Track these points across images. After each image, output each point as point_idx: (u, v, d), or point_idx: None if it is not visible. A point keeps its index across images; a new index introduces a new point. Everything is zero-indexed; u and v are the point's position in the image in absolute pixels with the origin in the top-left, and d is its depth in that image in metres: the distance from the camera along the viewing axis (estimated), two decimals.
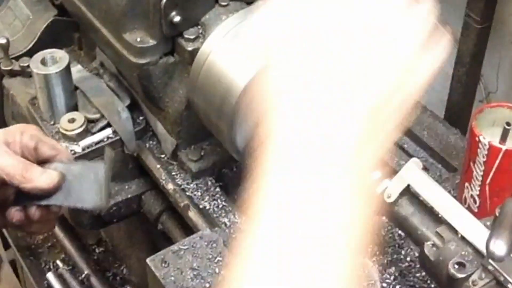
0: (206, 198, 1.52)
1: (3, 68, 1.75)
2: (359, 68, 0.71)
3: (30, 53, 1.73)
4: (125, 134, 1.60)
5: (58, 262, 2.03)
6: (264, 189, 0.69)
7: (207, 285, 1.26)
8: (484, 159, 1.30)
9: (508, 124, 1.28)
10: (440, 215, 1.15)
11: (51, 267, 2.04)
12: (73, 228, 1.94)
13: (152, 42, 1.45)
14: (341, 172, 0.68)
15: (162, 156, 1.61)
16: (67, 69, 1.58)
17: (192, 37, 1.43)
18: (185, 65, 1.47)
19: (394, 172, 1.22)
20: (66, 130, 1.57)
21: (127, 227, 2.02)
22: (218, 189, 1.54)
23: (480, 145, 1.29)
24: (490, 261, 1.04)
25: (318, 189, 0.68)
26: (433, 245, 1.12)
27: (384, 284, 1.31)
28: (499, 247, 1.01)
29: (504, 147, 1.28)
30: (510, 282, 1.02)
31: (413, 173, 1.17)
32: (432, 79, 0.78)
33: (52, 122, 1.61)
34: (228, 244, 1.34)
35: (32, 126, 1.26)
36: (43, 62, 1.57)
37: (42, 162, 1.20)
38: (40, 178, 1.16)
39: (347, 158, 0.69)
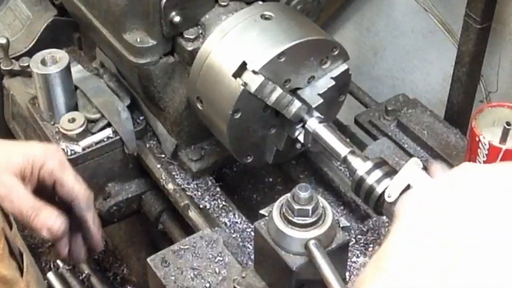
0: (206, 198, 1.52)
1: (3, 68, 1.75)
2: None
3: (30, 53, 1.73)
4: (125, 134, 1.60)
5: (59, 262, 2.03)
6: None
7: (207, 285, 1.26)
8: (484, 159, 1.30)
9: (508, 124, 1.28)
10: None
11: (52, 266, 2.05)
12: None
13: (152, 42, 1.45)
14: None
15: (162, 156, 1.61)
16: (67, 69, 1.58)
17: (192, 37, 1.43)
18: (185, 65, 1.47)
19: (394, 171, 1.22)
20: (66, 130, 1.57)
21: (127, 227, 2.02)
22: (218, 189, 1.54)
23: (480, 145, 1.29)
24: None
25: None
26: None
27: None
28: None
29: (504, 147, 1.28)
30: None
31: (413, 173, 1.17)
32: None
33: (52, 122, 1.61)
34: (228, 244, 1.34)
35: (55, 155, 1.21)
36: (43, 62, 1.57)
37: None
38: (48, 221, 1.14)
39: None
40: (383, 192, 1.21)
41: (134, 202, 1.68)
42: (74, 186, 1.22)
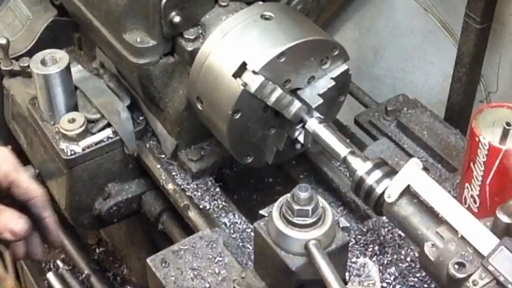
0: (206, 198, 1.52)
1: (3, 68, 1.75)
2: None
3: (30, 53, 1.74)
4: (125, 134, 1.60)
5: (58, 262, 2.03)
6: None
7: (207, 285, 1.26)
8: (484, 159, 1.30)
9: (508, 124, 1.28)
10: (440, 215, 1.15)
11: (51, 267, 2.04)
12: (73, 228, 1.94)
13: (152, 42, 1.45)
14: None
15: (162, 156, 1.61)
16: (67, 69, 1.58)
17: (192, 37, 1.43)
18: (185, 65, 1.47)
19: (394, 172, 1.22)
20: (66, 130, 1.57)
21: (127, 227, 2.02)
22: (218, 189, 1.54)
23: (480, 145, 1.29)
24: (490, 260, 1.04)
25: None
26: (433, 245, 1.12)
27: (384, 284, 1.31)
28: None
29: (504, 147, 1.28)
30: (510, 282, 1.02)
31: (413, 173, 1.17)
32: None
33: (52, 122, 1.61)
34: (228, 245, 1.34)
35: (8, 158, 1.21)
36: (43, 62, 1.57)
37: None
38: (10, 223, 1.13)
39: None
40: (383, 192, 1.21)
41: (134, 202, 1.68)
42: (30, 185, 1.22)
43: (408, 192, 1.19)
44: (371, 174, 1.23)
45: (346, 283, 1.25)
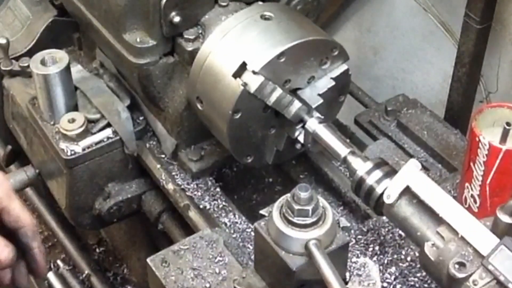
0: (206, 198, 1.52)
1: (3, 68, 1.76)
2: None
3: (30, 53, 1.74)
4: (125, 134, 1.60)
5: (59, 262, 2.03)
6: None
7: (207, 285, 1.26)
8: (484, 159, 1.30)
9: (508, 124, 1.28)
10: (440, 215, 1.15)
11: (52, 267, 2.05)
12: (73, 228, 1.94)
13: (152, 42, 1.45)
14: None
15: (162, 156, 1.61)
16: (67, 69, 1.58)
17: (192, 37, 1.43)
18: (185, 65, 1.47)
19: (394, 172, 1.22)
20: (66, 130, 1.57)
21: (127, 227, 2.03)
22: (218, 189, 1.54)
23: (480, 145, 1.29)
24: (490, 260, 1.04)
25: None
26: (433, 245, 1.12)
27: (385, 284, 1.31)
28: None
29: (504, 147, 1.28)
30: (510, 282, 1.02)
31: (412, 174, 1.17)
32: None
33: (52, 122, 1.61)
34: (228, 244, 1.34)
35: (1, 184, 1.20)
36: (43, 62, 1.57)
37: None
38: None
39: None
40: (383, 192, 1.21)
41: (134, 202, 1.68)
42: (21, 214, 1.21)
43: (407, 193, 1.19)
44: (371, 174, 1.23)
45: (346, 283, 1.25)
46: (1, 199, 1.19)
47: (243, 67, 1.33)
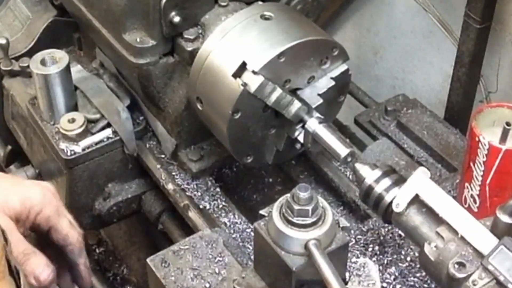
0: (206, 198, 1.52)
1: (3, 68, 1.75)
2: None
3: (30, 53, 1.73)
4: (125, 134, 1.60)
5: None
6: None
7: (207, 285, 1.26)
8: (484, 159, 1.30)
9: (508, 124, 1.28)
10: (440, 215, 1.15)
11: None
12: None
13: (151, 42, 1.45)
14: None
15: (162, 156, 1.61)
16: (67, 69, 1.58)
17: (192, 37, 1.43)
18: (185, 65, 1.47)
19: (403, 179, 1.20)
20: (66, 130, 1.57)
21: (127, 227, 2.03)
22: (218, 189, 1.54)
23: (480, 145, 1.29)
24: (490, 260, 1.04)
25: None
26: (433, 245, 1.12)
27: (384, 284, 1.31)
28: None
29: (504, 147, 1.28)
30: (510, 282, 1.02)
31: (421, 183, 1.16)
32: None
33: (52, 122, 1.61)
34: (228, 245, 1.34)
35: (51, 201, 1.22)
36: (43, 62, 1.57)
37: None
38: (36, 270, 1.14)
39: None
40: (392, 201, 1.19)
41: (134, 202, 1.68)
42: (69, 233, 1.23)
43: (416, 201, 1.18)
44: (380, 182, 1.22)
45: (346, 283, 1.25)
46: (50, 217, 1.21)
47: (243, 67, 1.33)
